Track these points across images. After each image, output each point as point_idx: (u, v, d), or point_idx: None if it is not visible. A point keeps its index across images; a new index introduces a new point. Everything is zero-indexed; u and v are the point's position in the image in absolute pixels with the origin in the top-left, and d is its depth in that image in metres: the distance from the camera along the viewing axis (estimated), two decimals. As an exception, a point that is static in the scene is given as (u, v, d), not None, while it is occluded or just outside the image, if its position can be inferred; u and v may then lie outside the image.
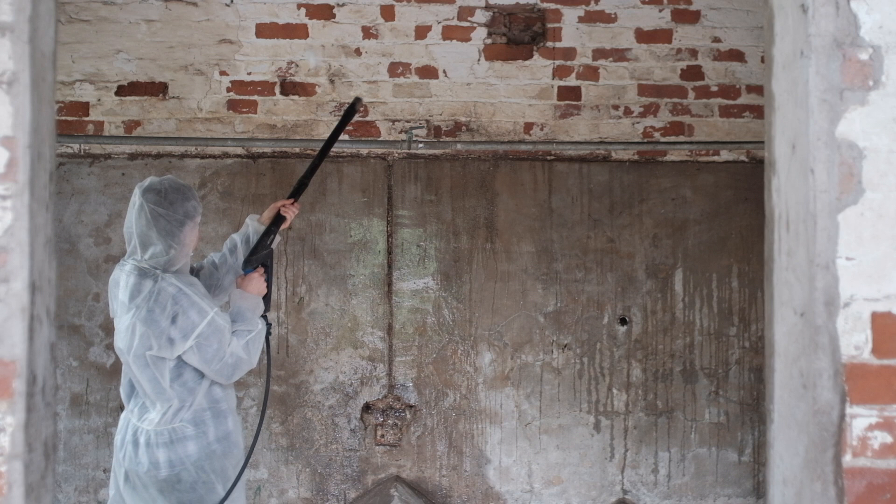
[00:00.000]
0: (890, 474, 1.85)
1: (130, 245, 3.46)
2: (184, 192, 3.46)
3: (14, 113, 1.77)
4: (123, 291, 3.41)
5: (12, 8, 1.76)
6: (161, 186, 3.43)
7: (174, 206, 3.42)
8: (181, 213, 3.43)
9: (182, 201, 3.44)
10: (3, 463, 1.74)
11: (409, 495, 4.90)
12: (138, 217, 3.42)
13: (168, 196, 3.42)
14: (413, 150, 5.07)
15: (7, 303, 1.76)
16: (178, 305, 3.35)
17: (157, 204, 3.41)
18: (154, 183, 3.44)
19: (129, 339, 3.39)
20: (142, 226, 3.41)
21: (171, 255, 3.42)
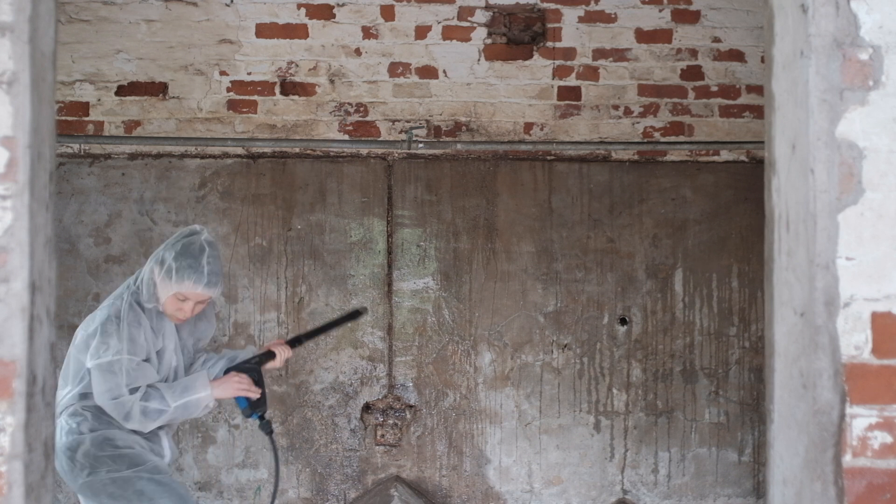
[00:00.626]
0: (890, 474, 1.85)
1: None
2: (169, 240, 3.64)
3: (14, 113, 1.77)
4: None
5: (12, 8, 1.76)
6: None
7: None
8: (153, 258, 3.54)
9: (159, 248, 3.58)
10: (3, 463, 1.74)
11: (409, 495, 4.90)
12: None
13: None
14: (413, 150, 5.07)
15: (7, 303, 1.76)
16: (104, 327, 3.43)
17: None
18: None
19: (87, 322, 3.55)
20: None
21: (141, 287, 3.53)
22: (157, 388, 3.46)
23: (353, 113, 5.12)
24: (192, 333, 3.70)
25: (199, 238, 3.48)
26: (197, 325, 3.71)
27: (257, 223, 5.04)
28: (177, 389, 3.48)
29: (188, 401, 3.48)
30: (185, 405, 3.48)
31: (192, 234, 3.50)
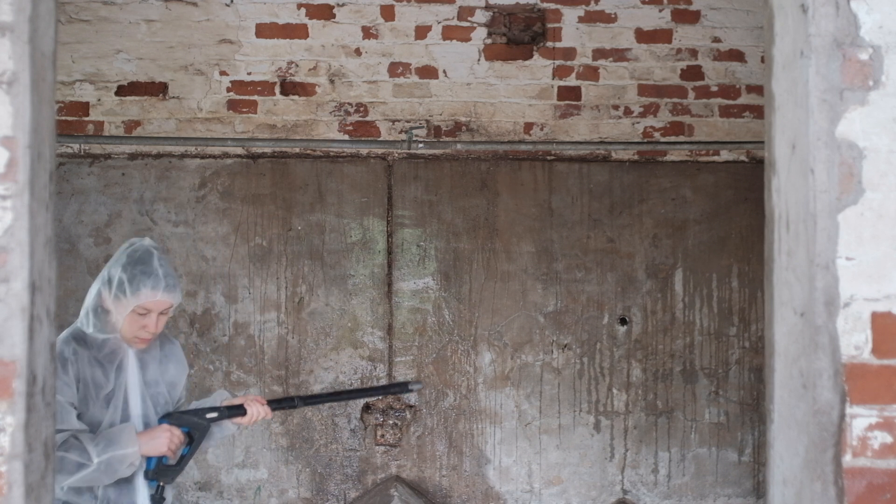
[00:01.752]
0: (890, 474, 1.85)
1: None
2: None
3: (14, 113, 1.77)
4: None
5: (12, 8, 1.76)
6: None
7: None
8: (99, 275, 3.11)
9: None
10: (3, 463, 1.74)
11: (409, 495, 4.90)
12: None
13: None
14: (413, 150, 5.07)
15: (7, 303, 1.76)
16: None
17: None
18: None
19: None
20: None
21: (86, 311, 3.09)
22: (80, 438, 2.90)
23: (353, 113, 5.12)
24: (162, 376, 3.16)
25: (142, 244, 3.08)
26: (166, 368, 3.18)
27: (257, 223, 5.04)
28: (101, 442, 2.91)
29: (111, 457, 2.91)
30: (109, 462, 2.90)
31: (134, 244, 3.09)
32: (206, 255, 5.06)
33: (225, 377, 5.02)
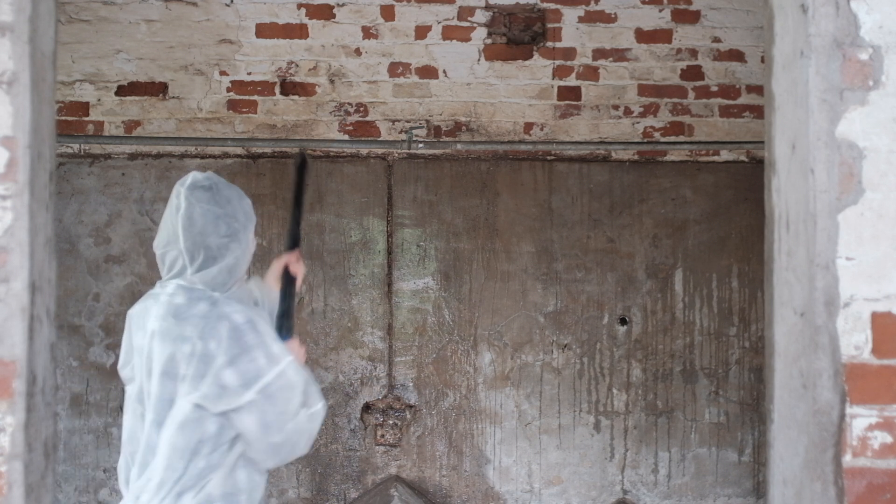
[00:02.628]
0: (890, 474, 1.85)
1: (172, 262, 2.63)
2: (237, 190, 2.71)
3: (14, 113, 1.77)
4: (158, 319, 2.56)
5: (12, 8, 1.76)
6: (210, 182, 2.65)
7: (232, 205, 2.65)
8: (241, 213, 2.67)
9: (238, 199, 2.68)
10: (3, 463, 1.74)
11: (409, 495, 4.90)
12: (187, 221, 2.59)
13: (222, 192, 2.65)
14: (413, 150, 5.07)
15: (7, 303, 1.76)
16: (243, 341, 2.48)
17: (212, 202, 2.61)
18: (200, 179, 2.65)
19: (160, 378, 2.51)
20: (193, 232, 2.59)
21: (233, 268, 2.61)
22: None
23: (353, 113, 5.12)
24: None
25: (198, 188, 2.64)
26: None
27: (257, 223, 5.04)
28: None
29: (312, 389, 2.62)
30: (314, 392, 2.63)
31: (196, 190, 2.64)
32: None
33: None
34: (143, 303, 2.68)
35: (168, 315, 2.54)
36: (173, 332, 2.51)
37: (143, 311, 2.65)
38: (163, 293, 2.61)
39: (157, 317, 2.56)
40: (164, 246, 2.64)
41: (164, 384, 2.50)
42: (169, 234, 2.63)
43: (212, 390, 2.46)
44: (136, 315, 2.67)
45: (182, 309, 2.53)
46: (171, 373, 2.49)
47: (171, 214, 2.63)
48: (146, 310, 2.63)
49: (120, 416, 5.05)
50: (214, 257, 2.58)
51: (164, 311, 2.55)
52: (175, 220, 2.61)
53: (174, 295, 2.57)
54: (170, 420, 2.49)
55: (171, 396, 2.49)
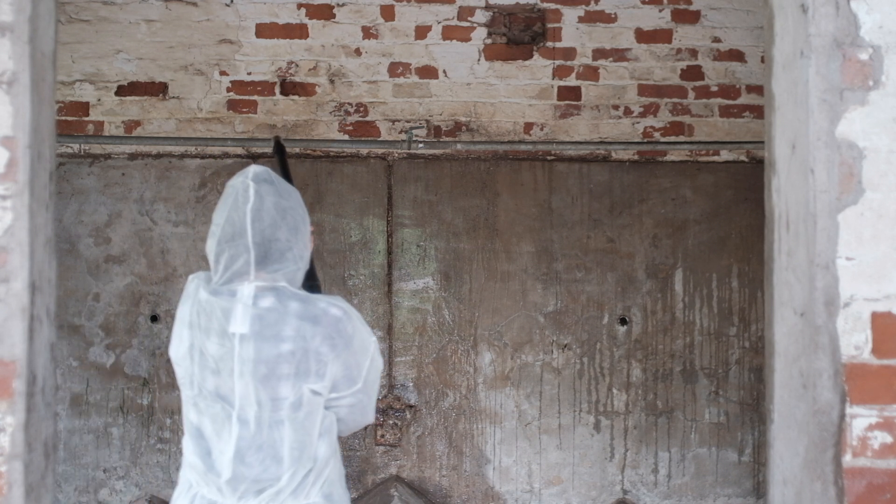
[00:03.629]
0: (890, 474, 1.85)
1: (234, 260, 2.50)
2: (289, 184, 2.64)
3: (14, 113, 1.77)
4: (248, 324, 2.48)
5: (12, 8, 1.76)
6: (270, 176, 2.58)
7: (293, 197, 2.57)
8: (300, 205, 2.58)
9: (295, 192, 2.60)
10: (3, 463, 1.74)
11: (409, 495, 4.90)
12: (256, 215, 2.49)
13: (282, 185, 2.59)
14: (413, 150, 5.07)
15: (7, 303, 1.76)
16: (345, 333, 2.53)
17: (278, 195, 2.53)
18: (262, 172, 2.58)
19: (262, 379, 2.48)
20: (263, 225, 2.49)
21: (301, 258, 2.56)
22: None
23: (353, 113, 5.12)
24: None
25: (264, 181, 2.57)
26: None
27: (257, 223, 5.04)
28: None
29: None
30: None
31: (263, 183, 2.57)
32: (206, 255, 5.05)
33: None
34: (210, 300, 2.51)
35: (259, 318, 2.47)
36: (269, 333, 2.47)
37: (217, 312, 2.50)
38: (241, 295, 2.49)
39: (242, 321, 2.47)
40: (226, 242, 2.50)
41: (270, 384, 2.47)
42: (235, 229, 2.49)
43: (324, 382, 2.49)
44: (203, 313, 2.52)
45: (274, 311, 2.47)
46: (274, 373, 2.47)
47: (236, 209, 2.51)
48: (225, 312, 2.49)
49: (119, 415, 5.06)
50: (283, 251, 2.50)
51: (252, 315, 2.47)
52: (242, 213, 2.50)
53: (259, 297, 2.48)
54: (289, 413, 2.49)
55: (280, 394, 2.47)
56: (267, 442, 2.48)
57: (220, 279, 2.51)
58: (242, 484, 2.50)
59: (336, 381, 2.52)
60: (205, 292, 2.53)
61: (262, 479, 2.50)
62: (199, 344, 2.52)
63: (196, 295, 2.56)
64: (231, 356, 2.47)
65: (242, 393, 2.48)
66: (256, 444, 2.48)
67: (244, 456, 2.49)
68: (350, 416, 2.61)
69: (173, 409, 5.03)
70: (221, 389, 2.50)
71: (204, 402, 2.53)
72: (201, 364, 2.52)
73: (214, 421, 2.52)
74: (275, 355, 2.46)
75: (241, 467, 2.49)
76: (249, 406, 2.48)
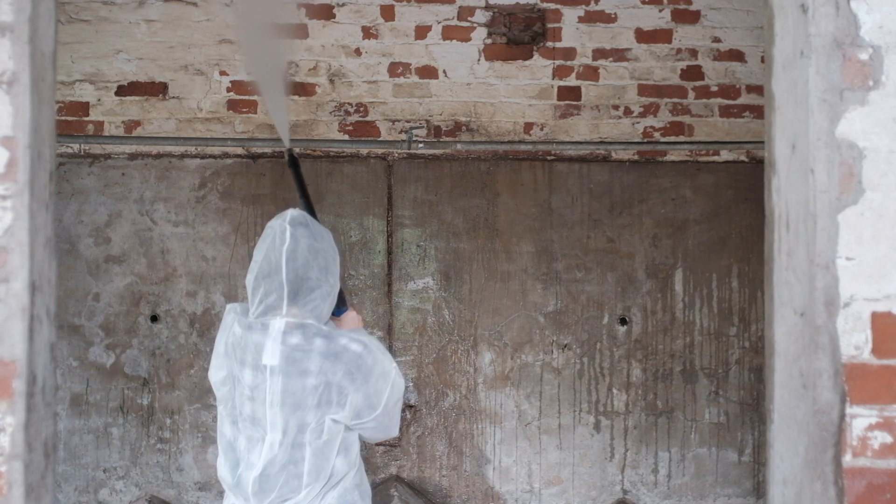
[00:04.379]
0: (890, 474, 1.85)
1: (268, 295, 2.77)
2: (323, 227, 2.91)
3: (14, 113, 1.77)
4: (277, 358, 2.75)
5: (12, 8, 1.76)
6: (306, 219, 2.86)
7: (325, 240, 2.84)
8: (331, 248, 2.85)
9: (327, 235, 2.87)
10: (3, 463, 1.74)
11: (409, 495, 4.90)
12: (291, 255, 2.76)
13: (316, 228, 2.85)
14: (413, 150, 5.07)
15: (7, 303, 1.76)
16: (365, 367, 2.78)
17: (311, 237, 2.81)
18: (297, 216, 2.85)
19: (291, 409, 2.76)
20: (296, 265, 2.75)
21: (332, 299, 2.82)
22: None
23: (353, 113, 5.12)
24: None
25: (299, 224, 2.85)
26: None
27: (257, 223, 5.04)
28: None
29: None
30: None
31: (298, 226, 2.84)
32: (206, 255, 5.06)
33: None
34: (245, 334, 2.79)
35: (288, 353, 2.75)
36: (297, 368, 2.74)
37: (251, 345, 2.78)
38: (272, 329, 2.76)
39: (272, 354, 2.75)
40: (262, 279, 2.77)
41: (296, 413, 2.75)
42: (271, 266, 2.77)
43: (348, 412, 2.79)
44: (239, 346, 2.80)
45: (301, 346, 2.74)
46: (300, 404, 2.75)
47: (273, 248, 2.78)
48: (258, 346, 2.76)
49: (119, 415, 5.06)
50: (312, 289, 2.76)
51: (280, 350, 2.74)
52: (279, 253, 2.76)
53: (287, 334, 2.75)
54: (311, 438, 2.77)
55: (304, 421, 2.76)
56: (290, 461, 2.77)
57: (256, 311, 2.79)
58: (267, 497, 2.78)
59: (358, 410, 2.81)
60: (239, 327, 2.81)
61: (284, 494, 2.78)
62: (237, 373, 2.82)
63: (231, 328, 2.84)
64: (264, 387, 2.77)
65: (272, 419, 2.77)
66: (281, 464, 2.76)
67: (269, 474, 2.77)
68: (374, 434, 2.94)
69: (173, 409, 5.03)
70: (256, 414, 2.79)
71: (242, 423, 2.82)
72: (239, 391, 2.82)
73: (249, 440, 2.81)
74: (300, 388, 2.74)
75: (266, 483, 2.77)
76: (277, 430, 2.77)
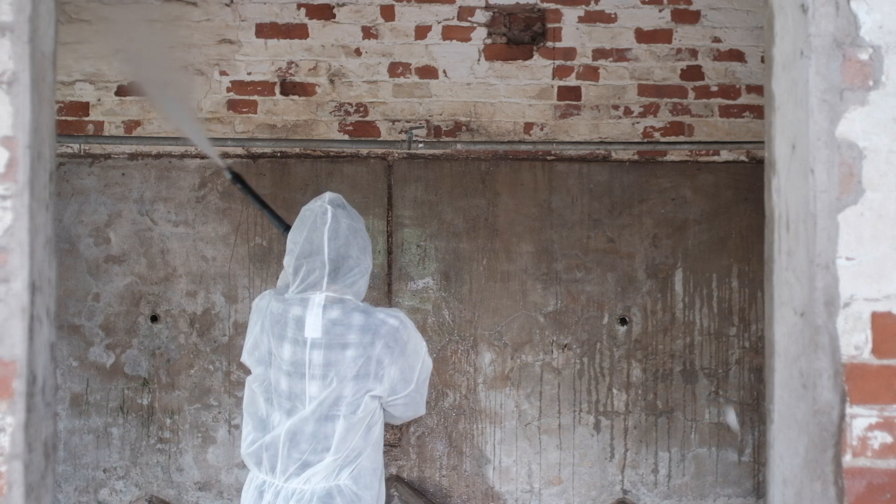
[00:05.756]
0: (890, 474, 1.85)
1: (310, 273, 2.92)
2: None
3: (14, 113, 1.77)
4: (317, 331, 2.88)
5: (12, 8, 1.76)
6: (342, 201, 3.03)
7: (362, 221, 3.03)
8: (365, 229, 3.03)
9: (361, 218, 3.06)
10: (3, 463, 1.74)
11: (409, 495, 4.90)
12: (333, 234, 2.91)
13: (352, 210, 3.03)
14: (413, 150, 5.07)
15: (7, 303, 1.76)
16: (401, 341, 2.93)
17: (350, 218, 2.98)
18: (335, 197, 3.02)
19: (329, 381, 2.88)
20: (338, 243, 2.91)
21: (366, 275, 2.97)
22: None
23: (353, 113, 5.12)
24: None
25: (338, 205, 3.03)
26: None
27: (257, 223, 5.04)
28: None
29: None
30: None
31: (337, 207, 3.01)
32: (206, 255, 5.06)
33: (225, 377, 5.02)
34: (285, 308, 2.92)
35: (328, 327, 2.87)
36: (337, 342, 2.87)
37: (291, 320, 2.90)
38: (312, 304, 2.89)
39: (314, 328, 2.88)
40: (304, 258, 2.91)
41: (335, 385, 2.86)
42: (312, 247, 2.91)
43: (385, 386, 2.89)
44: (278, 322, 2.92)
45: (341, 320, 2.87)
46: (341, 376, 2.86)
47: (315, 228, 2.91)
48: (299, 320, 2.89)
49: (119, 415, 5.06)
50: (352, 267, 2.91)
51: (321, 324, 2.88)
52: (321, 233, 2.90)
53: (328, 308, 2.89)
54: (345, 412, 2.87)
55: (341, 394, 2.86)
56: (321, 433, 2.87)
57: (297, 289, 2.91)
58: (291, 466, 2.88)
59: (394, 384, 2.92)
60: (277, 303, 2.94)
61: (310, 462, 2.88)
62: (275, 350, 2.92)
63: (268, 307, 2.96)
64: (304, 360, 2.88)
65: (311, 392, 2.88)
66: (311, 433, 2.87)
67: (299, 442, 2.88)
68: (404, 412, 3.01)
69: (173, 409, 5.03)
70: (294, 389, 2.89)
71: (277, 399, 2.92)
72: (275, 367, 2.91)
73: (285, 414, 2.90)
74: (340, 360, 2.85)
75: (294, 450, 2.88)
76: (314, 402, 2.87)
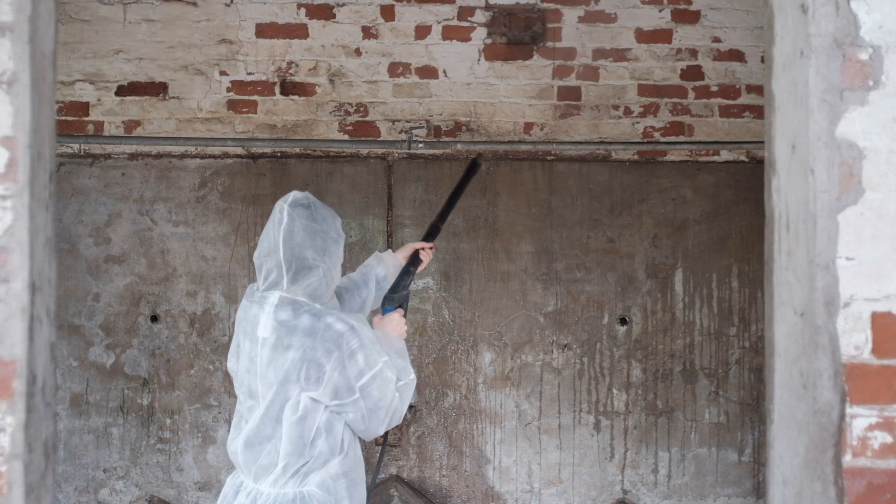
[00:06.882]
0: (890, 474, 1.85)
1: (270, 273, 2.92)
2: (331, 211, 3.00)
3: (14, 113, 1.77)
4: (267, 330, 2.90)
5: (12, 8, 1.76)
6: (308, 201, 2.96)
7: (327, 222, 2.95)
8: (334, 230, 2.96)
9: (332, 218, 2.98)
10: (3, 463, 1.74)
11: (409, 495, 4.90)
12: (287, 235, 2.89)
13: (319, 211, 2.96)
14: (413, 150, 5.07)
15: (7, 303, 1.76)
16: (347, 347, 2.84)
17: (310, 219, 2.92)
18: (300, 197, 2.97)
19: (273, 382, 2.87)
20: (292, 244, 2.89)
21: (325, 278, 2.91)
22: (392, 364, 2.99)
23: (353, 113, 5.12)
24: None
25: (298, 206, 2.97)
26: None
27: (257, 223, 5.04)
28: (391, 352, 2.99)
29: (401, 362, 3.02)
30: (404, 364, 3.03)
31: (296, 207, 2.95)
32: (206, 255, 5.06)
33: (225, 377, 5.02)
34: (248, 306, 2.97)
35: (276, 327, 2.87)
36: (282, 342, 2.85)
37: (251, 318, 2.94)
38: (267, 303, 2.91)
39: (265, 327, 2.89)
40: (264, 256, 2.94)
41: (277, 387, 2.85)
42: (270, 245, 2.92)
43: (325, 391, 2.84)
44: (244, 319, 2.99)
45: (288, 322, 2.86)
46: (283, 377, 2.84)
47: (273, 228, 2.93)
48: (255, 318, 2.92)
49: (119, 415, 5.06)
50: (309, 268, 2.89)
51: (272, 323, 2.88)
52: (277, 233, 2.91)
53: (279, 308, 2.88)
54: (288, 414, 2.86)
55: (285, 396, 2.85)
56: (272, 434, 2.88)
57: (262, 287, 2.95)
58: (253, 467, 2.91)
59: (337, 390, 2.85)
60: (246, 301, 2.99)
61: (265, 466, 2.90)
62: (242, 347, 2.97)
63: (242, 306, 3.02)
64: (257, 359, 2.91)
65: (262, 392, 2.90)
66: (264, 435, 2.88)
67: (252, 444, 2.90)
68: (355, 424, 2.94)
69: (173, 409, 5.03)
70: (252, 386, 2.93)
71: (243, 395, 2.97)
72: (242, 364, 2.97)
73: (249, 411, 2.94)
74: (283, 362, 2.84)
75: (249, 453, 2.91)
76: (265, 402, 2.88)
